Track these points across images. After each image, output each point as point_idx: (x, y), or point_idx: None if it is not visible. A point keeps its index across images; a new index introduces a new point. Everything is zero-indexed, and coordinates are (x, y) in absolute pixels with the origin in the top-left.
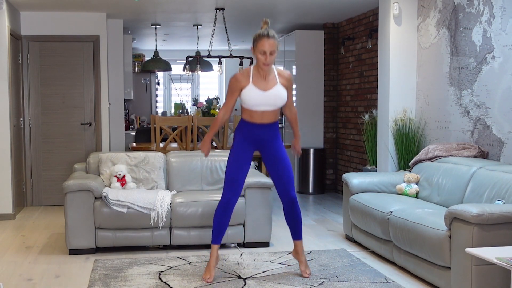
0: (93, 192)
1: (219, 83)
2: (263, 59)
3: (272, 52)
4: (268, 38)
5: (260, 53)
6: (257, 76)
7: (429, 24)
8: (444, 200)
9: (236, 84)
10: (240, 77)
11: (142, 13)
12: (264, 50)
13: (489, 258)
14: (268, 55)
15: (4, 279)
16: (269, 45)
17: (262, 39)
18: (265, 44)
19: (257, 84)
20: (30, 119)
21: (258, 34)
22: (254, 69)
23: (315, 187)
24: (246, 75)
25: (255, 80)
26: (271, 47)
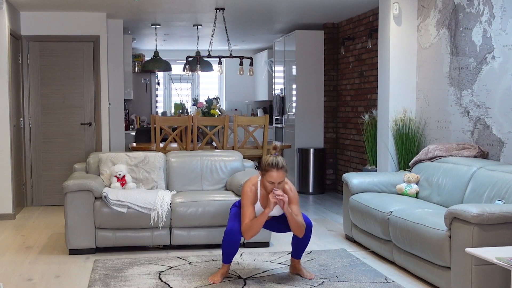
0: (93, 192)
1: (219, 83)
2: (270, 188)
3: (280, 182)
4: (278, 170)
5: (268, 182)
6: (262, 193)
7: (429, 24)
8: (444, 200)
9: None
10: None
11: (142, 13)
12: (272, 181)
13: (489, 258)
14: (276, 185)
15: (4, 279)
16: (278, 177)
17: (271, 170)
18: (273, 176)
19: (262, 202)
20: (30, 119)
21: (267, 164)
22: (261, 185)
23: (315, 187)
24: (255, 191)
25: (261, 199)
26: (280, 179)
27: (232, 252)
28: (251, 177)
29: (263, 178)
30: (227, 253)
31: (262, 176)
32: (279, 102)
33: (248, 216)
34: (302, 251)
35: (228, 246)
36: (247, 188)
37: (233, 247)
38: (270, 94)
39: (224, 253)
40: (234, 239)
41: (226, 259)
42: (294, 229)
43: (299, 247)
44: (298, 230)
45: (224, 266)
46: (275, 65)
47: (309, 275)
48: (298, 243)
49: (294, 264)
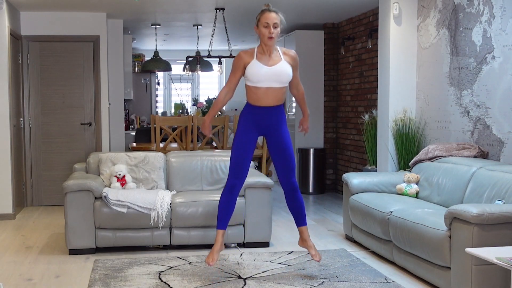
0: (93, 192)
1: (219, 83)
2: (267, 32)
3: (275, 24)
4: (270, 12)
5: (263, 26)
6: (261, 53)
7: (429, 24)
8: (444, 200)
9: (240, 61)
10: (244, 54)
11: (142, 13)
12: (267, 22)
13: (489, 258)
14: (271, 27)
15: (4, 279)
16: (272, 17)
17: (264, 12)
18: (267, 16)
19: (261, 60)
20: (30, 119)
21: (260, 10)
22: (258, 48)
23: (315, 187)
24: (250, 53)
25: (259, 57)
26: (274, 19)
27: (228, 210)
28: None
29: (259, 27)
30: (222, 211)
31: (257, 27)
32: None
33: (228, 86)
34: (303, 215)
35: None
36: (241, 52)
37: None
38: None
39: (219, 212)
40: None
41: (220, 221)
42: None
43: (297, 208)
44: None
45: (218, 234)
46: None
47: (317, 255)
48: (294, 206)
49: (303, 236)
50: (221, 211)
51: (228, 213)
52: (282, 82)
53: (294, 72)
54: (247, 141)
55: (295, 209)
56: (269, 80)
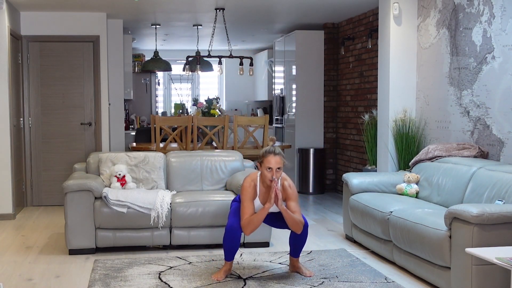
0: (93, 192)
1: (219, 83)
2: (269, 176)
3: (278, 168)
4: (275, 155)
5: (266, 169)
6: (262, 189)
7: (429, 24)
8: (444, 200)
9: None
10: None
11: (142, 13)
12: (270, 166)
13: (489, 258)
14: (274, 171)
15: (4, 279)
16: (275, 162)
17: (268, 156)
18: (271, 161)
19: (261, 198)
20: (30, 119)
21: (264, 151)
22: (260, 181)
23: (315, 187)
24: (254, 186)
25: (261, 195)
26: (277, 164)
27: (233, 248)
28: (251, 173)
29: (262, 167)
30: (229, 250)
31: (260, 166)
32: (279, 102)
33: (248, 212)
34: (299, 250)
35: (229, 242)
36: (247, 184)
37: (234, 244)
38: (270, 94)
39: (225, 250)
40: (235, 236)
41: (228, 256)
42: (291, 225)
43: (297, 245)
44: (294, 226)
45: (227, 263)
46: (275, 65)
47: (308, 272)
48: (295, 241)
49: (293, 263)
50: (227, 248)
51: (235, 248)
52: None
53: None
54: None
55: (297, 244)
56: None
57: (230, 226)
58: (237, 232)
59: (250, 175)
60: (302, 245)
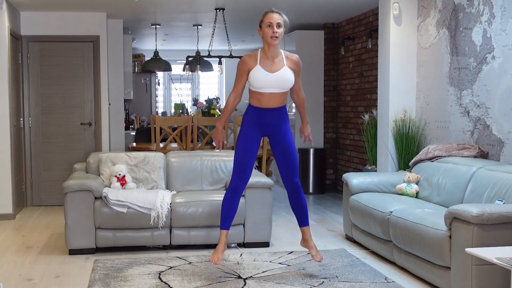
0: (93, 192)
1: (219, 83)
2: (270, 32)
3: (279, 24)
4: (273, 12)
5: (266, 25)
6: (264, 58)
7: (429, 24)
8: (444, 200)
9: (244, 66)
10: (247, 59)
11: (142, 13)
12: (270, 21)
13: (489, 258)
14: (275, 27)
15: (4, 279)
16: (275, 17)
17: (267, 13)
18: (271, 16)
19: (264, 66)
20: (30, 119)
21: (263, 12)
22: (262, 52)
23: (315, 187)
24: (254, 57)
25: (262, 62)
26: (278, 19)
27: (231, 210)
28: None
29: (262, 28)
30: (226, 212)
31: (261, 29)
32: None
33: (235, 90)
34: (305, 214)
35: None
36: (245, 56)
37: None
38: None
39: (222, 213)
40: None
41: (224, 222)
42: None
43: (301, 209)
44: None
45: (222, 234)
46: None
47: (318, 256)
48: (297, 207)
49: (305, 236)
50: (225, 211)
51: (231, 213)
52: (284, 88)
53: (296, 78)
54: (251, 142)
55: (298, 210)
56: (272, 87)
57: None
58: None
59: None
60: (305, 207)
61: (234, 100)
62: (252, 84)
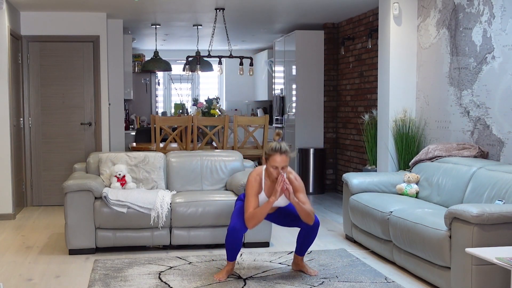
0: (93, 192)
1: (219, 83)
2: (275, 174)
3: (283, 167)
4: (281, 154)
5: (272, 167)
6: (267, 183)
7: (429, 24)
8: (444, 200)
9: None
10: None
11: (142, 13)
12: (276, 165)
13: (489, 258)
14: (280, 170)
15: (4, 279)
16: (281, 161)
17: (275, 154)
18: (277, 160)
19: (267, 192)
20: (30, 119)
21: (270, 149)
22: (266, 174)
23: (315, 187)
24: (260, 183)
25: (266, 187)
26: (283, 163)
27: (235, 249)
28: (256, 168)
29: (267, 164)
30: (231, 250)
31: (266, 162)
32: (279, 102)
33: (252, 206)
34: (306, 248)
35: (231, 243)
36: (252, 178)
37: (236, 244)
38: (270, 94)
39: (228, 251)
40: (237, 237)
41: (230, 256)
42: (304, 217)
43: (305, 243)
44: (307, 217)
45: (229, 263)
46: (275, 65)
47: (312, 271)
48: (304, 239)
49: (297, 261)
50: (229, 248)
51: (237, 249)
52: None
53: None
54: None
55: (305, 241)
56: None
57: (232, 227)
58: (240, 233)
59: (255, 169)
60: (310, 243)
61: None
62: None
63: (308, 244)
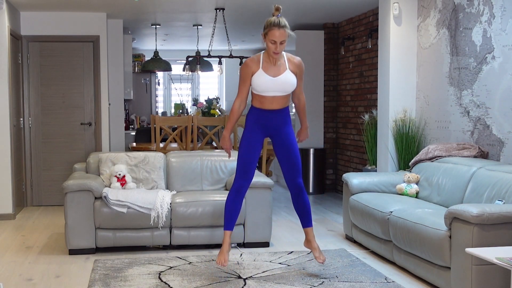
0: (93, 192)
1: (219, 83)
2: (273, 48)
3: (282, 41)
4: (279, 28)
5: (270, 42)
6: (267, 61)
7: (429, 24)
8: (444, 200)
9: (247, 70)
10: (250, 63)
11: (142, 13)
12: (274, 39)
13: (489, 258)
14: (278, 45)
15: (4, 279)
16: (280, 35)
17: (273, 28)
18: (275, 34)
19: (266, 70)
20: (30, 119)
21: (269, 23)
22: (264, 54)
23: (315, 187)
24: (256, 61)
25: (264, 66)
26: (282, 37)
27: (234, 210)
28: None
29: (266, 39)
30: (229, 213)
31: (265, 37)
32: None
33: (240, 95)
34: (309, 215)
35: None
36: (248, 60)
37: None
38: None
39: (226, 214)
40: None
41: (227, 222)
42: None
43: (304, 210)
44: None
45: (226, 235)
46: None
47: (321, 257)
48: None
49: (308, 237)
50: (228, 212)
51: (235, 214)
52: (286, 92)
53: (298, 81)
54: (254, 143)
55: (301, 210)
56: (274, 90)
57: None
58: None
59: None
60: (308, 208)
61: (240, 106)
62: (254, 88)
63: (306, 207)
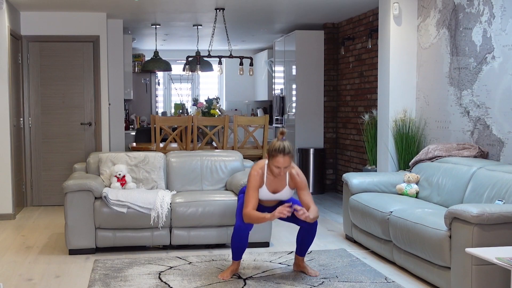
0: (93, 192)
1: (219, 83)
2: (277, 172)
3: (286, 167)
4: (284, 155)
5: (275, 166)
6: (270, 175)
7: (429, 24)
8: (444, 200)
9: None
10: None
11: (142, 13)
12: (278, 166)
13: (489, 258)
14: (282, 169)
15: (4, 279)
16: (284, 162)
17: (278, 155)
18: (280, 161)
19: (269, 185)
20: (30, 119)
21: (274, 148)
22: (268, 169)
23: (315, 187)
24: (262, 176)
25: (268, 183)
26: (286, 163)
27: (241, 248)
28: (259, 161)
29: (270, 162)
30: (236, 249)
31: (269, 161)
32: (279, 102)
33: (251, 201)
34: (306, 248)
35: (237, 242)
36: (254, 172)
37: (242, 243)
38: (270, 94)
39: (233, 249)
40: (243, 235)
41: (235, 255)
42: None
43: (304, 243)
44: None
45: (234, 263)
46: (275, 65)
47: (313, 272)
48: (303, 240)
49: (298, 262)
50: (235, 248)
51: (242, 248)
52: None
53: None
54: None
55: (304, 242)
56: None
57: (238, 226)
58: (245, 231)
59: (258, 163)
60: (309, 243)
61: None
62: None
63: (307, 243)
